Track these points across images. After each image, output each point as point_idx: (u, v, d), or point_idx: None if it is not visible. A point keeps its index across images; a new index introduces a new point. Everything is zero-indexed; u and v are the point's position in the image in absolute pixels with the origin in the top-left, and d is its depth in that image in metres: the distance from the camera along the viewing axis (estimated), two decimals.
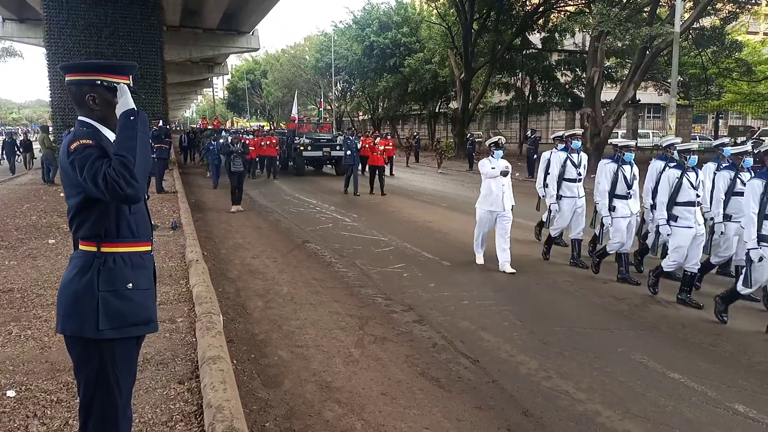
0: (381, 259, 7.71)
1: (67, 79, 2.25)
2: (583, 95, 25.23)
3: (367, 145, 17.01)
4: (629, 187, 6.64)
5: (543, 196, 8.35)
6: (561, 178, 7.48)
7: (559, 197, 7.47)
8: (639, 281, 6.49)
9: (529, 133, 21.47)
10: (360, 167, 16.41)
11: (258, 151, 19.08)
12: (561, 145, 7.97)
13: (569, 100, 31.10)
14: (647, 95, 35.00)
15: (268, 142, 19.52)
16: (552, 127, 38.09)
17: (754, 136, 15.23)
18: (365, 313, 5.47)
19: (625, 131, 25.61)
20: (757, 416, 3.55)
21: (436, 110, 39.47)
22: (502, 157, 7.27)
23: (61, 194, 10.41)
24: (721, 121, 36.92)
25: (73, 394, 3.38)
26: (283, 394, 3.79)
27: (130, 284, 2.21)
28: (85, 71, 2.23)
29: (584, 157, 7.70)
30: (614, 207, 6.65)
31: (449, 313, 5.49)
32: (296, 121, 23.98)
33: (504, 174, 7.11)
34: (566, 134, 7.88)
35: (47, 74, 21.12)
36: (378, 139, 16.76)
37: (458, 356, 4.46)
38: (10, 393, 3.48)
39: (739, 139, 13.05)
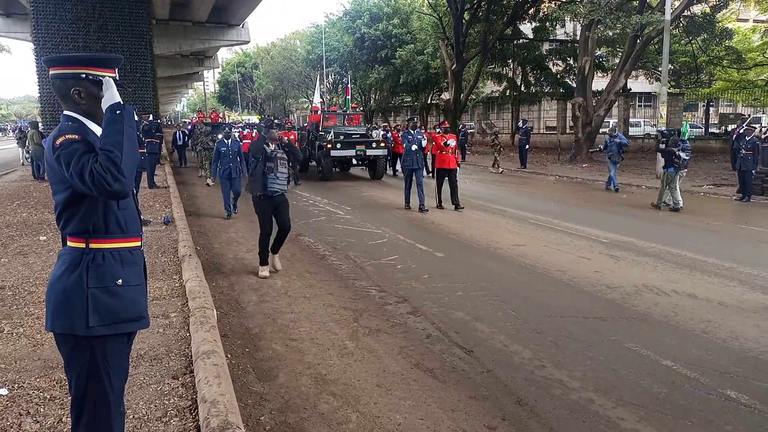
0: (374, 251, 7.71)
1: (51, 73, 2.20)
2: (574, 85, 25.27)
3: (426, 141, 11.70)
4: None
5: None
6: None
7: None
8: None
9: (521, 123, 21.48)
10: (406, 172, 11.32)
11: None
12: None
13: (561, 90, 31.13)
14: (638, 84, 35.10)
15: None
16: (544, 117, 38.14)
17: (744, 124, 15.31)
18: (359, 305, 5.47)
19: (616, 120, 25.65)
20: (749, 402, 3.58)
21: (428, 101, 39.40)
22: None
23: None
24: (711, 109, 37.00)
25: (66, 391, 3.36)
26: (278, 387, 3.79)
27: (120, 280, 2.19)
28: (70, 65, 2.19)
29: None
30: None
31: (443, 304, 5.50)
32: (319, 112, 18.94)
33: None
34: None
35: (35, 69, 20.87)
36: (446, 133, 11.50)
37: (452, 347, 4.47)
38: (3, 391, 3.46)
39: (730, 127, 13.08)
